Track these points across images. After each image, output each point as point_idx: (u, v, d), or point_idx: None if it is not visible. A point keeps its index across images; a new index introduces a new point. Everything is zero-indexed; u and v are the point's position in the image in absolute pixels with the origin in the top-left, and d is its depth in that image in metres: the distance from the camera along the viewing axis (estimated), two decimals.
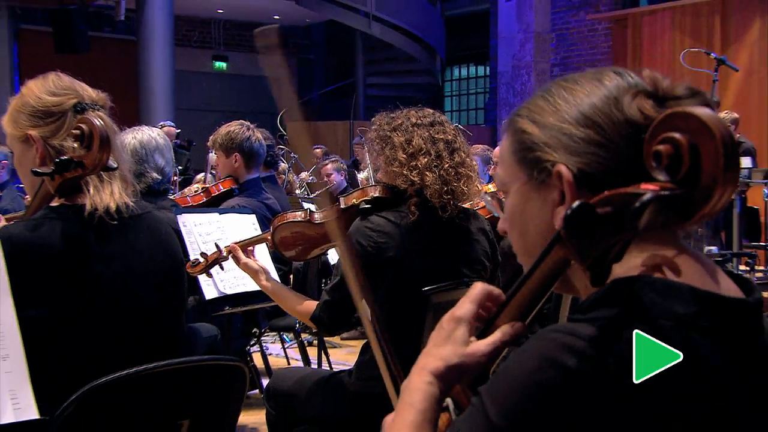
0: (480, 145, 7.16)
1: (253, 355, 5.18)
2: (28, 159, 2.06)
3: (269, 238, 2.98)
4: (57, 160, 1.94)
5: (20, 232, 1.92)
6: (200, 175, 8.78)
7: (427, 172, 2.74)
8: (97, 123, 1.95)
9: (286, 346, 6.27)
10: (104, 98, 2.12)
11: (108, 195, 2.01)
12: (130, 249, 2.04)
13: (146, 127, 3.96)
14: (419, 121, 2.83)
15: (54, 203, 2.02)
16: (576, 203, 0.94)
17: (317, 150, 11.20)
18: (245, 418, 4.45)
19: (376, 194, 2.83)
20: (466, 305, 1.13)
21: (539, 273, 1.05)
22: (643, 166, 0.98)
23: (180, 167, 9.66)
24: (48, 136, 2.02)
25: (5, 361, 1.59)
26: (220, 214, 3.70)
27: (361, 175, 9.34)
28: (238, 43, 18.39)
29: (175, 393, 1.88)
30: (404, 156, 2.76)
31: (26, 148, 2.06)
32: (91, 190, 2.00)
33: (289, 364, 6.14)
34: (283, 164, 9.22)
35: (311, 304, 2.80)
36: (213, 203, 4.44)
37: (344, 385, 2.84)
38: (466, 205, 2.94)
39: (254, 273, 2.95)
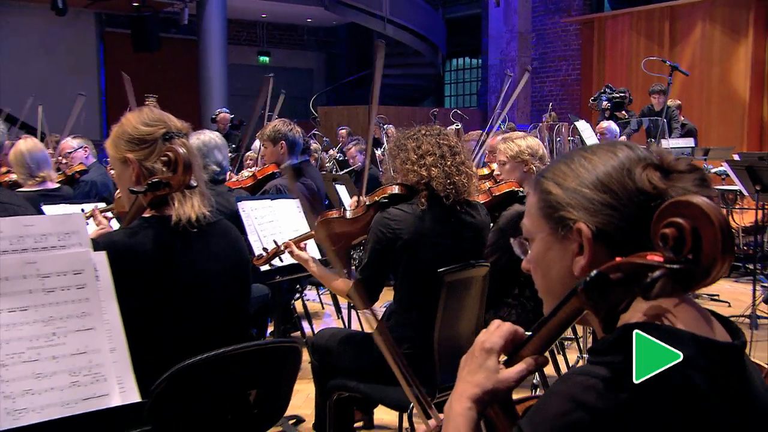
0: (474, 132, 7.07)
1: (295, 303, 5.21)
2: (126, 176, 2.04)
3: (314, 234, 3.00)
4: (149, 182, 1.93)
5: (121, 238, 1.91)
6: (249, 152, 8.70)
7: (433, 168, 2.77)
8: (181, 151, 1.93)
9: (320, 293, 6.30)
10: (187, 127, 2.09)
11: (189, 207, 1.99)
12: (207, 251, 2.02)
13: (207, 130, 4.11)
14: (427, 132, 2.87)
15: (146, 214, 2.01)
16: (594, 272, 0.94)
17: (342, 131, 11.09)
18: None
19: (394, 191, 2.84)
20: (495, 338, 1.10)
21: (558, 317, 1.03)
22: (649, 228, 0.96)
23: (233, 145, 9.58)
24: (142, 159, 1.99)
25: (113, 352, 1.57)
26: (271, 200, 3.69)
27: (378, 151, 9.25)
28: (279, 41, 18.22)
29: (245, 370, 1.87)
30: (415, 156, 2.80)
31: (125, 167, 2.03)
32: (176, 204, 1.98)
33: (323, 308, 6.19)
34: (315, 144, 9.14)
35: (348, 283, 2.82)
36: (259, 184, 4.55)
37: (373, 345, 2.84)
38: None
39: (305, 261, 3.01)
